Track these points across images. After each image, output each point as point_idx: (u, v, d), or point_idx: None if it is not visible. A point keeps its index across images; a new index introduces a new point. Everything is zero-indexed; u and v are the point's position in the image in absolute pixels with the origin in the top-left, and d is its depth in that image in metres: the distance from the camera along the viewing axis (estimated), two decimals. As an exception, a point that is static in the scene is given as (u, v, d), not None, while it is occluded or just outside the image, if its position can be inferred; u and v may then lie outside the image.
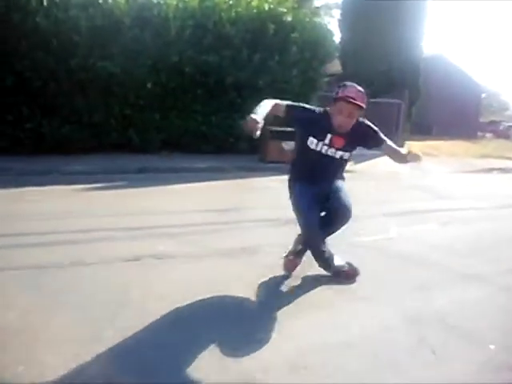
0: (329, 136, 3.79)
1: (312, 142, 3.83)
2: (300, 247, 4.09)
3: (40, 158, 8.82)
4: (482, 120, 35.27)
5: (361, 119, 3.91)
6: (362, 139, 3.95)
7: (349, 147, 3.89)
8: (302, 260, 4.18)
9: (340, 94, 3.68)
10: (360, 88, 3.75)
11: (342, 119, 3.71)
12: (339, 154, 3.88)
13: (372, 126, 4.00)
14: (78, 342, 2.81)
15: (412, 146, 5.74)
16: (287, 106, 3.91)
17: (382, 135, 4.04)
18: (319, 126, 3.79)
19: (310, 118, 3.85)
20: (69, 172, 8.21)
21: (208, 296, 3.59)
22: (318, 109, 3.97)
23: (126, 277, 3.84)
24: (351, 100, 3.63)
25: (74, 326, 3.00)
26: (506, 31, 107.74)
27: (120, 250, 4.46)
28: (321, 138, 3.80)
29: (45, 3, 9.01)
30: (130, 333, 2.95)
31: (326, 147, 3.82)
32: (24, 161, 8.47)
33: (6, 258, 4.04)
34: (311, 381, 2.63)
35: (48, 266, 3.92)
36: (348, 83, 3.79)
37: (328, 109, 3.84)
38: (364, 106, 3.70)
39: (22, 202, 6.18)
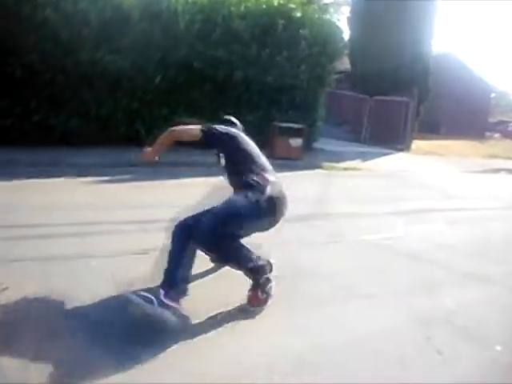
0: None
1: None
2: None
3: (47, 150, 8.82)
4: (490, 120, 35.05)
5: None
6: None
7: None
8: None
9: None
10: None
11: None
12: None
13: None
14: (83, 335, 2.81)
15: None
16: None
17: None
18: None
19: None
20: (76, 164, 8.20)
21: (211, 289, 3.59)
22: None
23: (132, 270, 3.83)
24: None
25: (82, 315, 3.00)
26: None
27: (127, 242, 4.46)
28: None
29: (54, -4, 9.01)
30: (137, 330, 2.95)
31: None
32: (31, 153, 8.47)
33: (12, 249, 4.04)
34: (316, 379, 2.62)
35: (55, 257, 3.92)
36: None
37: None
38: None
39: (30, 193, 6.18)
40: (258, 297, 3.36)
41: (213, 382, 2.49)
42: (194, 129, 3.70)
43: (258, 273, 3.37)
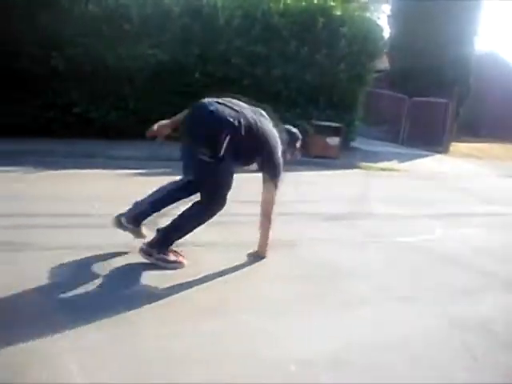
0: None
1: None
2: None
3: (86, 142, 8.99)
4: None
5: None
6: None
7: None
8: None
9: None
10: None
11: None
12: None
13: None
14: (116, 322, 2.85)
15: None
16: None
17: None
18: None
19: None
20: (114, 157, 8.33)
21: (245, 285, 3.60)
22: None
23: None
24: None
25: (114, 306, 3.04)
26: None
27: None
28: None
29: (97, -10, 9.17)
30: (164, 320, 2.97)
31: None
32: (71, 144, 8.65)
33: (47, 237, 4.12)
34: (349, 378, 2.59)
35: (90, 247, 3.98)
36: None
37: None
38: None
39: (67, 183, 6.31)
40: None
41: (248, 382, 2.49)
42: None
43: None
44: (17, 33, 8.42)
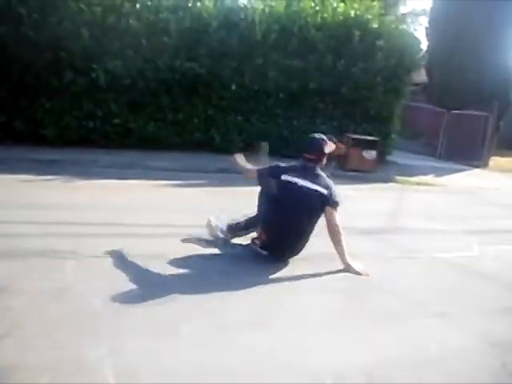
0: None
1: None
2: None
3: (125, 152, 9.16)
4: None
5: None
6: None
7: None
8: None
9: None
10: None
11: None
12: None
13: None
14: (156, 331, 2.89)
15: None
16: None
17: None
18: None
19: None
20: (151, 167, 8.47)
21: (288, 297, 3.61)
22: None
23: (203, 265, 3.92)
24: None
25: (154, 314, 3.09)
26: None
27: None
28: None
29: (137, 6, 9.38)
30: (203, 328, 3.00)
31: None
32: (110, 154, 8.83)
33: (90, 246, 4.20)
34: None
35: (129, 256, 4.05)
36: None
37: None
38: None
39: (107, 193, 6.45)
40: None
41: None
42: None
43: None
44: (62, 46, 8.68)
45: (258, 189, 4.68)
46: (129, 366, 2.53)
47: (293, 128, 11.04)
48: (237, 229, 4.67)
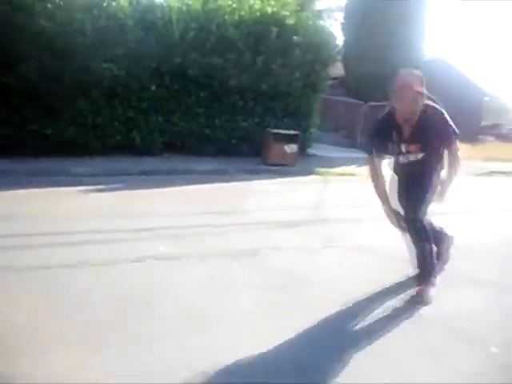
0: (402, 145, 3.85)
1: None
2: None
3: (45, 159, 8.87)
4: (484, 123, 35.09)
5: (434, 109, 3.81)
6: (434, 132, 3.77)
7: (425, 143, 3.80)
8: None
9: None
10: (413, 72, 3.91)
11: (402, 107, 3.74)
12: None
13: (446, 118, 3.82)
14: (83, 343, 2.87)
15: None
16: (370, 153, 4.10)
17: (453, 136, 3.88)
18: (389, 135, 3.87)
19: (381, 137, 3.97)
20: (73, 174, 8.26)
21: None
22: (382, 117, 4.06)
23: (129, 277, 3.90)
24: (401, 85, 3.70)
25: (78, 326, 3.06)
26: (506, 33, 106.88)
27: (123, 250, 4.52)
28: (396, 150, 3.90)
29: (49, 6, 9.07)
30: (134, 335, 3.01)
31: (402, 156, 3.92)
32: (29, 162, 8.53)
33: (11, 257, 4.09)
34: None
35: (54, 266, 3.98)
36: (402, 70, 3.92)
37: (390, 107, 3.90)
38: (418, 88, 3.71)
39: (28, 203, 6.23)
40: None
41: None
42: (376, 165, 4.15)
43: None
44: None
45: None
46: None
47: (214, 126, 11.09)
48: None
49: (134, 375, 2.56)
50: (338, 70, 17.75)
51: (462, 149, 4.17)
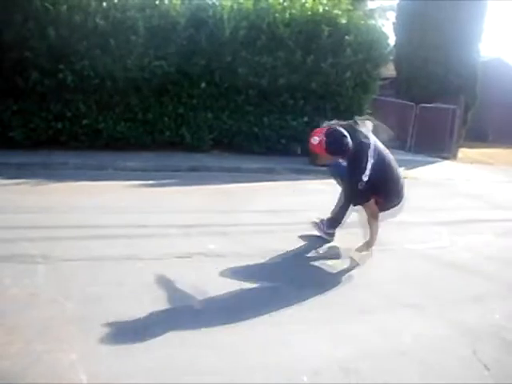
0: None
1: None
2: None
3: (96, 153, 9.06)
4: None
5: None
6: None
7: None
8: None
9: None
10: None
11: None
12: None
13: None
14: (127, 334, 2.88)
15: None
16: None
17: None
18: None
19: None
20: (123, 168, 8.39)
21: (255, 294, 3.61)
22: None
23: (176, 273, 3.90)
24: None
25: (126, 317, 3.07)
26: None
27: (172, 246, 4.54)
28: None
29: (104, 5, 9.26)
30: (176, 330, 3.00)
31: None
32: (81, 156, 8.71)
33: (62, 249, 4.16)
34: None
35: (103, 258, 4.03)
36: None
37: None
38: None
39: (78, 195, 6.35)
40: None
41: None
42: None
43: None
44: (28, 46, 8.53)
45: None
46: (102, 368, 2.51)
47: (263, 125, 11.05)
48: None
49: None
50: (389, 70, 17.46)
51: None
